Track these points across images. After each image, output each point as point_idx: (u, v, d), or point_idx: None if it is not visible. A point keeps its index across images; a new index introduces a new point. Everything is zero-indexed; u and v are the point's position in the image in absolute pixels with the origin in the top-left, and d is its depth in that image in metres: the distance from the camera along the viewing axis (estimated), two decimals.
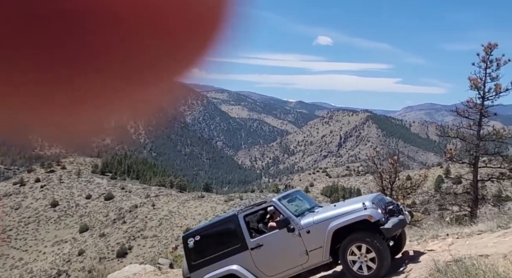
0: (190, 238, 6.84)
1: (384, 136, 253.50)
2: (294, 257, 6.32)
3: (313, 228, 6.29)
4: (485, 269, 3.71)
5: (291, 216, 6.46)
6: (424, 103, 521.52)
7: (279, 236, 6.47)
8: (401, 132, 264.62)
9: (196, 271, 6.70)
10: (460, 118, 20.08)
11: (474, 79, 19.11)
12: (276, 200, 6.74)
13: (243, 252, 6.53)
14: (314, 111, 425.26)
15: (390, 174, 18.45)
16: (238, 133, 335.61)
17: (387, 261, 5.88)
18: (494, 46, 18.76)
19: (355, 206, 6.31)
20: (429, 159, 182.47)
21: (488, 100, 19.22)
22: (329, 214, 6.38)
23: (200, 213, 72.45)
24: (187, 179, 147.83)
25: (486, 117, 19.47)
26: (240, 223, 6.63)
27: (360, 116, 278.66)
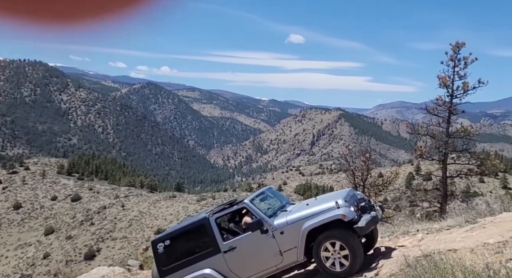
0: (160, 243, 6.69)
1: (357, 134, 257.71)
2: (268, 258, 6.30)
3: (286, 228, 6.28)
4: (453, 263, 3.81)
5: (264, 218, 6.41)
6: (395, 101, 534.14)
7: (252, 238, 6.41)
8: (373, 130, 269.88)
9: (166, 277, 6.58)
10: (430, 116, 20.60)
11: (443, 77, 19.63)
12: (248, 201, 6.65)
13: (215, 255, 6.45)
14: (287, 109, 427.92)
15: (362, 171, 18.72)
16: (210, 132, 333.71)
17: (360, 259, 5.97)
18: (461, 45, 19.31)
19: (328, 204, 6.30)
20: (400, 156, 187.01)
21: (457, 98, 19.79)
22: (302, 213, 6.36)
23: (171, 213, 71.66)
24: (158, 178, 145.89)
25: (455, 115, 20.06)
26: (211, 226, 6.52)
27: (332, 114, 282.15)
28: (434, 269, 3.79)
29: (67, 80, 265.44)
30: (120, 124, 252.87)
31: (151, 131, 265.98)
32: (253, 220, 6.40)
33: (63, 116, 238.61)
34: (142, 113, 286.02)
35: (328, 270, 6.06)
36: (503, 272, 3.42)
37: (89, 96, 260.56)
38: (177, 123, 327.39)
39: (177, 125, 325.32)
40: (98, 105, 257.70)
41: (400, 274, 4.48)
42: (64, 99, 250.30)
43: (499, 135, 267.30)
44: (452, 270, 3.66)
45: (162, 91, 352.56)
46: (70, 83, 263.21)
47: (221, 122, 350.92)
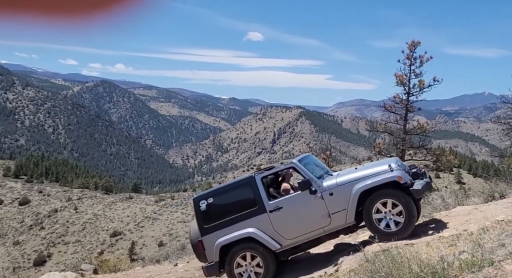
0: (203, 200, 6.65)
1: (317, 132, 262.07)
2: (316, 219, 6.24)
3: (336, 190, 6.24)
4: (410, 257, 3.95)
5: (312, 178, 6.38)
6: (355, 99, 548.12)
7: (299, 198, 6.37)
8: (333, 128, 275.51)
9: (208, 235, 6.51)
10: (388, 113, 21.27)
11: (400, 75, 20.30)
12: (296, 161, 6.63)
13: (260, 215, 6.40)
14: (247, 108, 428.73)
15: None
16: (168, 131, 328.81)
17: (415, 217, 5.96)
18: (417, 44, 20.03)
19: (381, 168, 6.27)
20: (360, 153, 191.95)
21: (413, 96, 20.52)
22: (354, 176, 6.33)
23: (128, 215, 70.10)
24: (114, 179, 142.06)
25: (411, 112, 20.80)
26: (257, 185, 6.51)
27: (293, 112, 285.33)
28: (392, 263, 3.91)
29: (13, 78, 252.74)
30: (72, 124, 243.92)
31: (106, 131, 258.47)
32: (302, 179, 6.37)
33: (8, 116, 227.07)
34: (95, 112, 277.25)
35: (383, 232, 5.95)
36: (457, 264, 3.57)
37: (37, 95, 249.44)
38: (133, 123, 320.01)
39: (133, 125, 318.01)
40: (48, 104, 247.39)
41: (359, 269, 4.59)
42: (10, 98, 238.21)
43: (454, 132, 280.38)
44: (409, 263, 3.79)
45: (117, 90, 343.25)
46: (16, 82, 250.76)
47: (180, 121, 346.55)
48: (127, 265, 11.63)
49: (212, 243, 6.45)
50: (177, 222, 66.00)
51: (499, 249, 3.75)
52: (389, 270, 3.84)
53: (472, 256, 3.61)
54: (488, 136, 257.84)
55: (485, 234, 4.41)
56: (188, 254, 13.37)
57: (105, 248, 58.08)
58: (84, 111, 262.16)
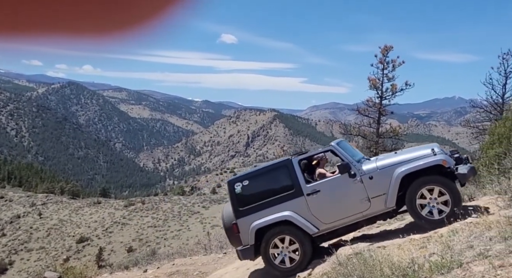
0: (238, 183, 6.58)
1: (291, 135, 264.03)
2: (354, 204, 6.15)
3: (376, 173, 6.16)
4: (381, 260, 4.02)
5: (352, 161, 6.31)
6: (329, 102, 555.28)
7: (338, 181, 6.31)
8: (308, 131, 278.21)
9: (243, 218, 6.41)
10: (361, 117, 21.65)
11: (373, 79, 20.73)
12: (335, 144, 6.58)
13: (297, 198, 6.31)
14: (221, 110, 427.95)
15: None
16: (139, 134, 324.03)
17: (461, 204, 5.84)
18: (390, 48, 20.53)
19: (424, 151, 6.20)
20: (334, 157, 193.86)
21: (386, 100, 20.99)
22: (395, 159, 6.25)
23: (96, 220, 68.58)
24: (81, 184, 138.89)
25: (384, 115, 21.26)
26: (294, 168, 6.45)
27: (267, 115, 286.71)
28: (364, 266, 3.97)
29: None
30: (37, 126, 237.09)
31: (73, 134, 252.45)
32: (341, 163, 6.29)
33: None
34: (62, 114, 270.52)
35: (425, 218, 5.85)
36: (427, 266, 3.66)
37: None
38: (102, 126, 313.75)
39: (102, 128, 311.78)
40: (11, 106, 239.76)
41: (332, 272, 4.63)
42: None
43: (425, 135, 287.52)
44: (381, 266, 3.85)
45: (85, 92, 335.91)
46: None
47: (151, 124, 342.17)
48: (94, 272, 11.37)
49: (247, 226, 6.37)
50: (148, 227, 65.00)
51: (467, 250, 3.86)
52: (361, 273, 3.90)
53: (441, 258, 3.71)
54: (458, 140, 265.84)
55: (455, 236, 4.54)
56: (158, 260, 13.21)
57: (71, 255, 56.64)
58: (50, 113, 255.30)
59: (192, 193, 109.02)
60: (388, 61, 20.45)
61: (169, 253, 15.47)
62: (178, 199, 78.68)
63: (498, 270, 3.16)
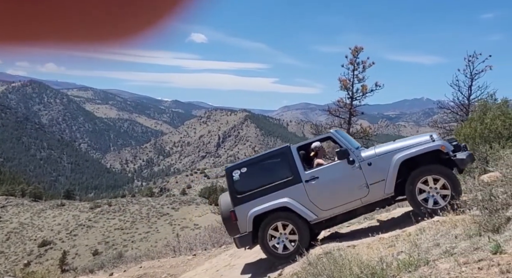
0: (236, 170, 6.65)
1: (263, 136, 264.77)
2: (353, 190, 6.21)
3: (375, 160, 6.26)
4: (351, 259, 4.08)
5: (350, 148, 6.39)
6: (300, 103, 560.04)
7: (336, 168, 6.39)
8: (279, 132, 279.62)
9: (240, 205, 6.45)
10: (332, 117, 21.94)
11: (344, 80, 21.06)
12: (334, 131, 6.69)
13: (295, 185, 6.38)
14: (191, 111, 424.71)
15: None
16: (106, 134, 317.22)
17: (460, 188, 5.94)
18: (360, 50, 20.92)
19: (422, 138, 6.35)
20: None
21: (356, 100, 21.37)
22: (393, 146, 6.39)
23: (59, 223, 66.76)
24: (44, 186, 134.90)
25: (355, 116, 21.63)
26: (293, 154, 6.52)
27: (238, 116, 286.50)
28: (333, 266, 4.02)
29: None
30: None
31: (35, 134, 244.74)
32: (339, 149, 6.35)
33: None
34: (23, 114, 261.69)
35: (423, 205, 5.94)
36: (395, 264, 3.74)
37: None
38: (66, 126, 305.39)
39: (66, 128, 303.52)
40: None
41: (302, 272, 4.67)
42: None
43: (395, 135, 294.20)
44: (350, 265, 3.91)
45: (48, 91, 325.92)
46: None
47: (119, 124, 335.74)
48: (57, 276, 11.07)
49: (245, 213, 6.41)
50: (114, 229, 63.79)
51: (434, 248, 3.97)
52: (331, 272, 3.94)
53: (409, 256, 3.80)
54: None
55: (422, 235, 4.66)
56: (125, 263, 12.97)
57: (32, 259, 54.95)
58: (10, 113, 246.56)
59: (161, 194, 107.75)
60: (359, 62, 20.84)
61: (136, 255, 15.24)
62: (146, 200, 77.60)
63: (462, 267, 3.27)
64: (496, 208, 4.14)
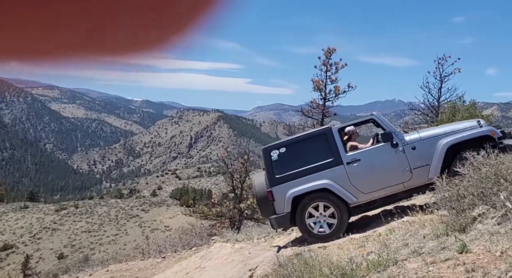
0: (274, 150, 6.54)
1: (236, 136, 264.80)
2: (395, 174, 6.13)
3: (419, 144, 6.23)
4: (321, 260, 4.12)
5: (394, 131, 6.34)
6: (274, 103, 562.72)
7: (379, 151, 6.34)
8: (252, 132, 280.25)
9: (278, 185, 6.32)
10: (306, 118, 22.12)
11: (317, 81, 21.26)
12: (376, 113, 6.62)
13: (336, 166, 6.30)
14: (162, 111, 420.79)
15: (241, 173, 19.28)
16: (73, 134, 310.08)
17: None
18: (333, 51, 21.15)
19: (470, 123, 6.37)
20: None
21: (329, 101, 21.60)
22: (439, 130, 6.38)
23: (22, 226, 64.84)
24: (6, 187, 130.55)
25: (328, 117, 21.84)
26: (334, 136, 6.43)
27: (211, 116, 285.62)
28: (304, 267, 4.05)
29: None
30: None
31: None
32: (383, 132, 6.31)
33: None
34: None
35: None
36: (364, 264, 3.80)
37: None
38: (30, 125, 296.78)
39: (30, 127, 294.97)
40: None
41: (273, 274, 4.68)
42: None
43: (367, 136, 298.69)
44: (320, 266, 3.94)
45: (11, 89, 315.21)
46: None
47: (86, 124, 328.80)
48: None
49: (283, 193, 6.31)
50: (81, 232, 62.42)
51: (403, 248, 4.05)
52: (301, 273, 3.97)
53: (378, 256, 3.86)
54: None
55: (392, 235, 4.75)
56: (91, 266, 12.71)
57: None
58: None
59: (131, 196, 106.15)
60: (331, 63, 21.05)
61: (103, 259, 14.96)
62: (115, 202, 76.32)
63: (430, 267, 3.35)
64: (462, 208, 4.26)
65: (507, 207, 3.85)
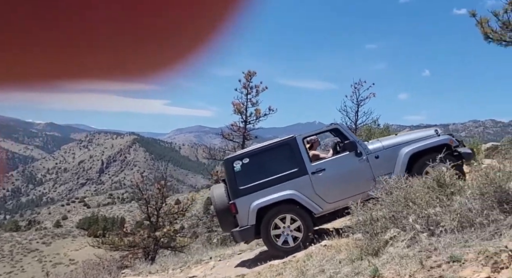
0: (237, 161, 6.62)
1: (153, 160, 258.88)
2: (360, 183, 6.24)
3: (382, 153, 6.51)
4: None
5: (357, 140, 6.57)
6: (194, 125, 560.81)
7: (344, 160, 6.51)
8: (171, 155, 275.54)
9: (242, 197, 6.43)
10: (227, 141, 22.34)
11: (237, 104, 21.69)
12: (340, 123, 6.88)
13: (301, 177, 6.43)
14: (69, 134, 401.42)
15: (157, 199, 18.84)
16: None
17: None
18: (253, 74, 21.81)
19: (428, 132, 6.78)
20: (199, 181, 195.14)
21: (250, 124, 22.07)
22: (400, 139, 6.70)
23: None
24: None
25: (249, 140, 22.26)
26: (299, 146, 6.50)
27: (125, 139, 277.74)
28: None
29: None
30: None
31: None
32: (347, 141, 6.59)
33: None
34: None
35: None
36: None
37: None
38: None
39: None
40: None
41: None
42: None
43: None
44: None
45: None
46: None
47: None
48: None
49: (247, 205, 6.39)
50: None
51: (319, 275, 4.24)
52: None
53: None
54: None
55: (309, 261, 4.95)
56: None
57: None
58: None
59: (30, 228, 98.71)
60: (252, 86, 21.64)
61: None
62: (10, 236, 70.55)
63: None
64: (376, 231, 4.57)
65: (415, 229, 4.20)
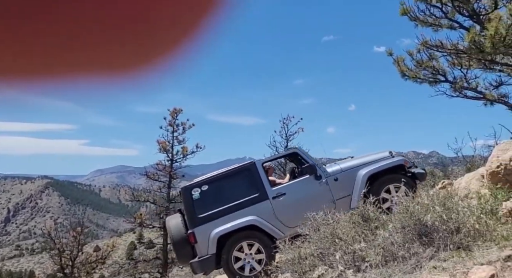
0: (196, 188, 6.66)
1: (69, 205, 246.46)
2: (320, 206, 6.08)
3: (341, 175, 6.83)
4: None
5: (317, 163, 6.70)
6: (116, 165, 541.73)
7: (304, 183, 6.65)
8: (90, 199, 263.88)
9: (202, 225, 6.45)
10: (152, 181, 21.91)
11: (163, 142, 21.49)
12: (298, 146, 7.02)
13: (262, 202, 6.61)
14: None
15: (72, 248, 17.94)
16: None
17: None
18: (179, 111, 21.84)
19: (382, 154, 7.22)
20: (122, 225, 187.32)
21: (177, 163, 21.87)
22: (357, 162, 7.09)
23: None
24: None
25: (176, 179, 21.99)
26: (259, 171, 6.76)
27: (37, 183, 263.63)
28: None
29: None
30: None
31: None
32: (306, 165, 6.82)
33: None
34: None
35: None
36: None
37: None
38: None
39: None
40: None
41: None
42: None
43: None
44: None
45: None
46: None
47: None
48: None
49: (207, 234, 6.41)
50: None
51: None
52: None
53: None
54: None
55: None
56: None
57: None
58: None
59: None
60: (178, 123, 21.61)
61: None
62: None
63: None
64: (304, 270, 4.69)
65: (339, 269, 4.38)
